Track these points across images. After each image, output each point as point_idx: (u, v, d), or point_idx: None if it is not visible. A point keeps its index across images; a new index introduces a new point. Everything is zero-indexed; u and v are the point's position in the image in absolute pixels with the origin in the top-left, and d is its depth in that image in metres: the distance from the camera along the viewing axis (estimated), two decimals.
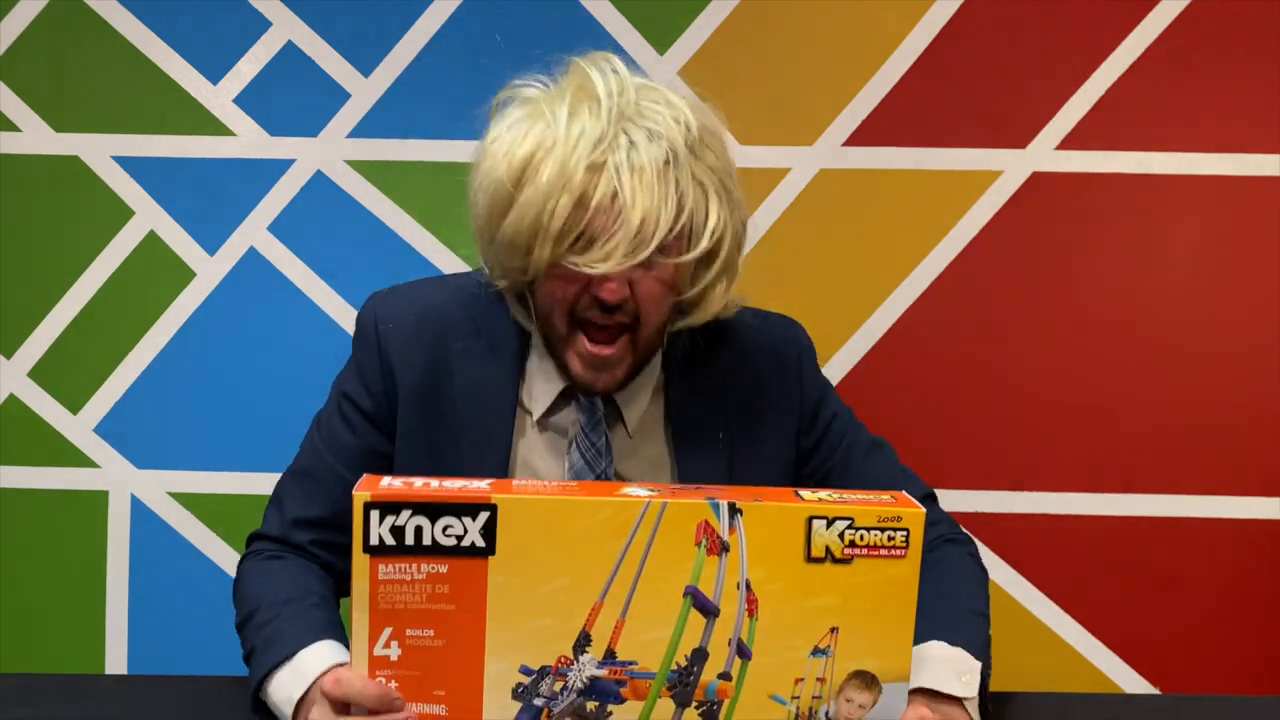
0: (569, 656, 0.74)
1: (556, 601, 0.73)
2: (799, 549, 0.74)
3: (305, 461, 1.09)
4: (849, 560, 0.74)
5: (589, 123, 0.89)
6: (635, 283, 0.92)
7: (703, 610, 0.74)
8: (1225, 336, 1.85)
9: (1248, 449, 1.84)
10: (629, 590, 0.73)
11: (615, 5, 1.88)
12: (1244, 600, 1.85)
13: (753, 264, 1.87)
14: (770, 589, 0.74)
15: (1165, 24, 1.84)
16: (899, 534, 0.74)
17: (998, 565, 1.87)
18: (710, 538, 0.73)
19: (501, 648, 0.73)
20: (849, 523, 0.74)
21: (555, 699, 0.74)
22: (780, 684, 0.75)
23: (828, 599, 0.74)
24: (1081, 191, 1.86)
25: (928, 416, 1.88)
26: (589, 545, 0.72)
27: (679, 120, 0.93)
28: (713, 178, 0.95)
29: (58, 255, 1.91)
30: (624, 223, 0.87)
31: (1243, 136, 1.84)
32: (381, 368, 1.04)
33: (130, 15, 1.90)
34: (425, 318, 1.05)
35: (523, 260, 0.93)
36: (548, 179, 0.88)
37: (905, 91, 1.88)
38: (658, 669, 0.74)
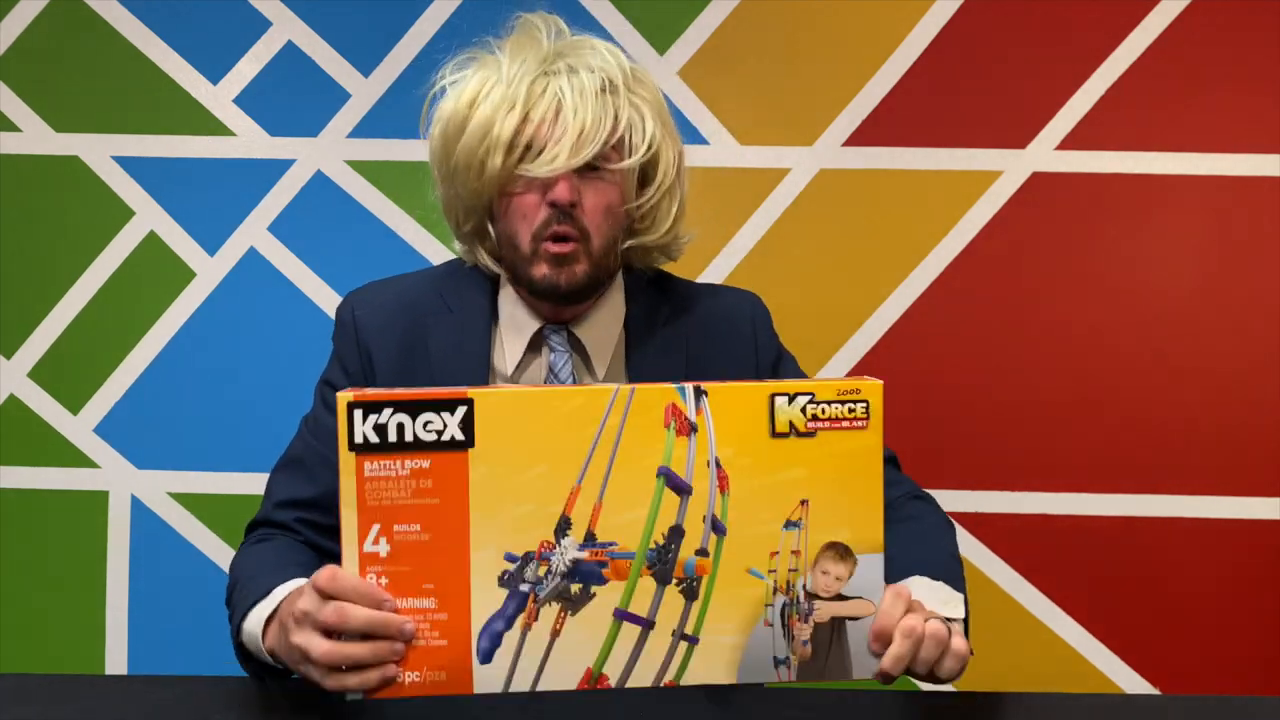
0: (551, 541, 0.76)
1: (535, 488, 0.75)
2: (764, 425, 0.77)
3: (291, 452, 1.13)
4: (813, 434, 0.77)
5: (531, 55, 1.00)
6: (583, 193, 1.00)
7: (676, 489, 0.76)
8: (1225, 336, 1.85)
9: (1248, 449, 1.84)
10: (604, 474, 0.76)
11: (615, 5, 1.88)
12: (1244, 600, 1.85)
13: (753, 264, 1.89)
14: (739, 465, 0.77)
15: (1165, 24, 1.85)
16: (859, 405, 0.78)
17: (998, 565, 1.87)
18: (679, 419, 0.76)
19: (486, 537, 0.75)
20: (810, 397, 0.77)
21: (540, 583, 0.76)
22: (756, 558, 0.78)
23: (795, 472, 0.77)
24: (1081, 191, 1.86)
25: (928, 416, 1.88)
26: (563, 433, 0.75)
27: (615, 59, 1.03)
28: (648, 105, 1.04)
29: (58, 255, 1.91)
30: (566, 130, 0.97)
31: (1243, 136, 1.85)
32: (359, 349, 1.10)
33: (130, 15, 1.91)
34: (399, 300, 1.12)
35: (478, 179, 1.01)
36: (495, 100, 0.98)
37: (905, 91, 1.88)
38: (637, 548, 0.76)
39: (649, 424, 0.76)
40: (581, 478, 0.76)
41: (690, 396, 0.76)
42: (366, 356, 1.10)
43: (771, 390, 0.77)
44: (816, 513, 0.78)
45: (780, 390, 0.77)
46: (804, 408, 0.77)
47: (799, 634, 0.79)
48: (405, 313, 1.11)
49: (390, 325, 1.10)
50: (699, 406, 0.76)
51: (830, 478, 0.78)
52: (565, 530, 0.76)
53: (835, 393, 0.77)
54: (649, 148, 1.03)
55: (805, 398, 0.77)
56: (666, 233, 1.09)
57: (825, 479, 0.77)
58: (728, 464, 0.77)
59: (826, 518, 0.78)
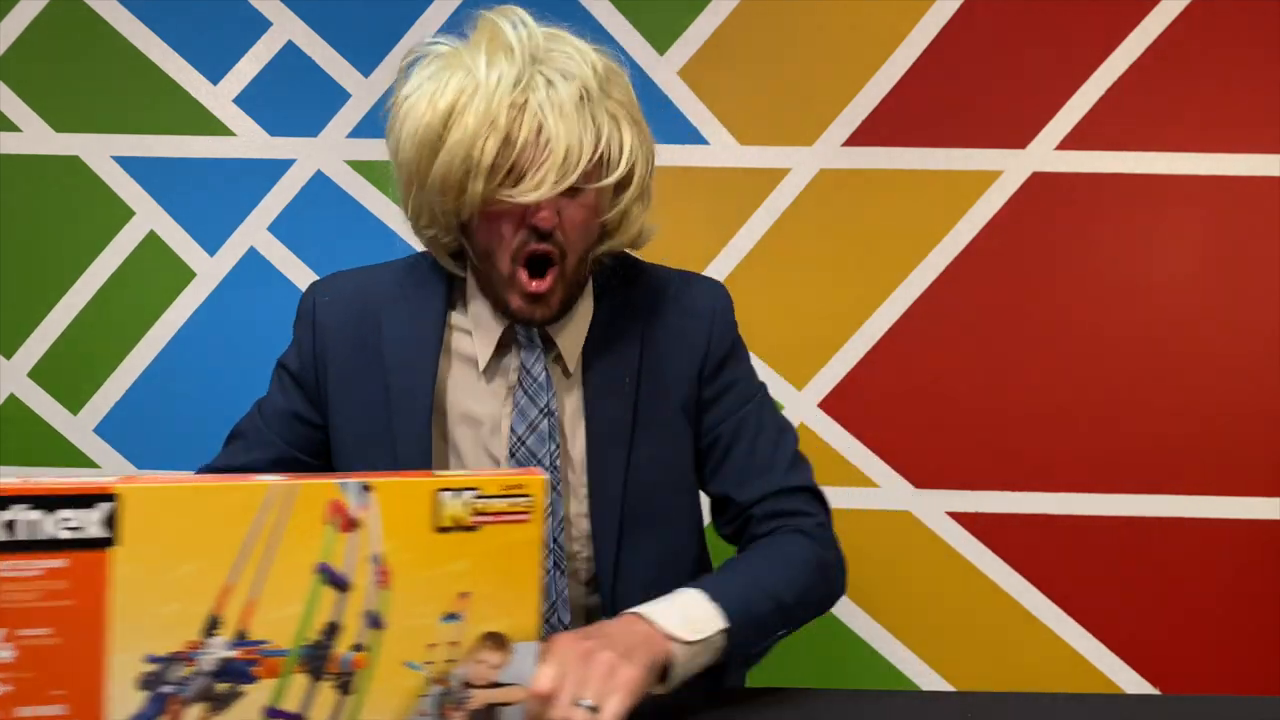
0: (198, 641, 0.74)
1: (184, 586, 0.73)
2: (428, 520, 0.77)
3: (238, 426, 1.18)
4: (477, 527, 0.78)
5: (505, 68, 0.96)
6: (562, 211, 0.99)
7: (334, 585, 0.76)
8: (1225, 337, 1.85)
9: (1247, 449, 1.84)
10: (259, 571, 0.74)
11: (615, 5, 1.88)
12: (1243, 600, 1.85)
13: (753, 264, 1.89)
14: (401, 559, 0.77)
15: (1165, 24, 1.85)
16: (521, 499, 0.78)
17: (998, 565, 1.87)
18: (341, 515, 0.75)
19: (127, 639, 0.73)
20: (475, 492, 0.77)
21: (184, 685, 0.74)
22: (414, 650, 0.77)
23: (457, 565, 0.78)
24: (1081, 191, 1.86)
25: (927, 417, 1.88)
26: (217, 529, 0.73)
27: (587, 61, 1.00)
28: (622, 110, 1.02)
29: (58, 255, 1.91)
30: (550, 154, 0.95)
31: (1243, 136, 1.85)
32: (315, 333, 1.12)
33: (130, 15, 1.91)
34: (358, 289, 1.13)
35: (455, 201, 0.99)
36: (474, 121, 0.95)
37: (905, 91, 1.88)
38: (290, 645, 0.75)
39: (309, 520, 0.74)
40: (234, 575, 0.74)
41: (355, 492, 0.75)
42: (323, 340, 1.12)
43: (437, 486, 0.77)
44: (476, 604, 0.78)
45: (446, 485, 0.77)
46: (469, 502, 0.77)
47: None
48: (363, 298, 1.12)
49: (347, 314, 1.12)
50: (364, 502, 0.75)
51: (491, 569, 0.78)
52: (214, 629, 0.74)
53: (500, 487, 0.78)
54: (627, 160, 1.02)
55: (471, 492, 0.77)
56: (635, 233, 1.09)
57: (486, 571, 0.78)
58: (389, 559, 0.76)
59: (486, 609, 0.78)
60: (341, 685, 0.76)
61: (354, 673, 0.76)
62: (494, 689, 0.79)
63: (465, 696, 0.79)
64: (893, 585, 1.88)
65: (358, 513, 0.75)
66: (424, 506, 0.77)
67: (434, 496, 0.77)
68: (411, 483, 0.77)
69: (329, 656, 0.76)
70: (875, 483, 1.88)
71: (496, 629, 0.79)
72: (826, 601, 1.08)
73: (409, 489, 0.77)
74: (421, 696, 0.78)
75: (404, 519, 0.76)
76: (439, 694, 0.78)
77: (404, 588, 0.77)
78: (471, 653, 0.78)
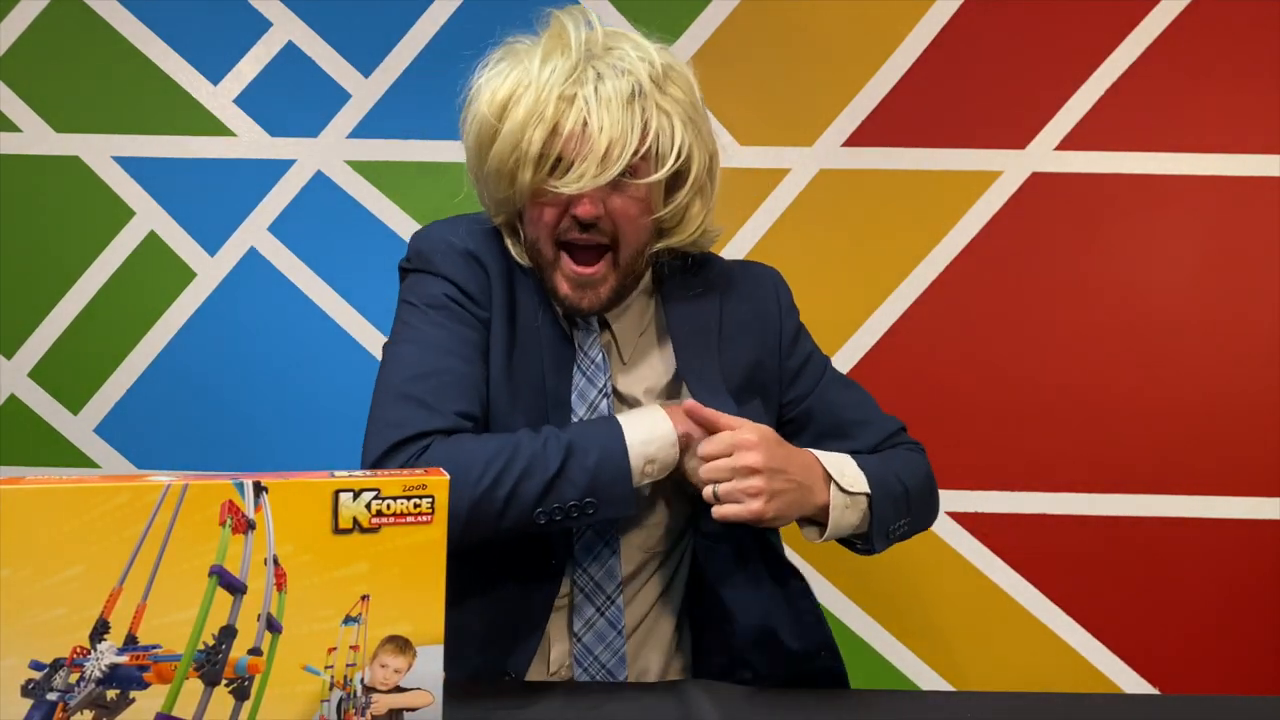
0: (85, 646, 0.72)
1: (69, 590, 0.71)
2: (326, 521, 0.75)
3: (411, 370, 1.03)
4: (377, 529, 0.76)
5: (560, 62, 1.00)
6: (609, 203, 1.02)
7: (229, 588, 0.74)
8: (1225, 337, 1.85)
9: (1247, 449, 1.84)
10: (150, 574, 0.72)
11: (615, 5, 1.88)
12: (1243, 600, 1.85)
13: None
14: (299, 562, 0.75)
15: (1165, 24, 1.85)
16: (425, 501, 0.76)
17: (998, 565, 1.87)
18: (235, 516, 0.73)
19: (10, 645, 0.71)
20: (375, 493, 0.75)
21: (71, 691, 0.72)
22: (313, 655, 0.76)
23: (357, 568, 0.76)
24: (1081, 191, 1.86)
25: (927, 417, 1.87)
26: (105, 532, 0.71)
27: (644, 59, 1.02)
28: (678, 108, 1.04)
29: (58, 255, 1.91)
30: (592, 147, 0.97)
31: (1243, 136, 1.85)
32: (477, 265, 1.08)
33: (130, 15, 1.91)
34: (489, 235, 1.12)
35: (509, 188, 1.03)
36: (524, 111, 0.99)
37: (905, 91, 1.88)
38: (184, 650, 0.74)
39: (202, 522, 0.72)
40: (123, 579, 0.71)
41: (249, 493, 0.73)
42: (484, 272, 1.08)
43: (336, 487, 0.75)
44: (377, 607, 0.77)
45: (345, 487, 0.75)
46: (369, 504, 0.75)
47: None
48: (501, 251, 1.11)
49: (492, 255, 1.10)
50: (259, 503, 0.74)
51: (393, 572, 0.76)
52: (103, 634, 0.72)
53: (401, 488, 0.76)
54: (678, 156, 1.03)
55: (371, 494, 0.75)
56: (695, 231, 1.10)
57: (387, 573, 0.76)
58: (286, 561, 0.74)
59: (387, 611, 0.77)
60: (237, 690, 0.75)
61: (250, 677, 0.75)
62: (398, 694, 0.78)
63: (367, 702, 0.77)
64: (893, 585, 1.88)
65: (253, 514, 0.73)
66: (322, 508, 0.75)
67: (333, 498, 0.75)
68: (308, 483, 0.75)
69: (224, 661, 0.74)
70: None
71: (399, 632, 0.77)
72: (932, 509, 1.18)
73: (306, 490, 0.75)
74: (322, 701, 0.76)
75: (301, 520, 0.75)
76: (340, 699, 0.77)
77: (302, 590, 0.75)
78: (374, 656, 0.77)
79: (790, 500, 0.98)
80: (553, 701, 0.94)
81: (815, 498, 1.01)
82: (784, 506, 0.98)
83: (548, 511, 0.96)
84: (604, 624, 1.06)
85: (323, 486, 0.75)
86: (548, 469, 0.95)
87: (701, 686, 0.99)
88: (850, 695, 1.01)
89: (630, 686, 1.05)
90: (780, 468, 0.98)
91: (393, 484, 0.76)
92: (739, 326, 1.15)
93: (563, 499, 0.95)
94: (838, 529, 1.04)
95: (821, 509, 1.02)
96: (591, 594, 1.06)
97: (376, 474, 0.78)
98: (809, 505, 1.01)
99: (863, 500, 1.05)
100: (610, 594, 1.06)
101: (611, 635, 1.06)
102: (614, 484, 0.96)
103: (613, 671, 1.06)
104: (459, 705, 0.85)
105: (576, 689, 1.02)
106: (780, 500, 0.97)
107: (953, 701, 1.07)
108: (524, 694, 0.96)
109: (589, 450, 0.96)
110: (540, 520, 0.96)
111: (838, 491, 1.02)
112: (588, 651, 1.06)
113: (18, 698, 0.71)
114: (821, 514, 1.02)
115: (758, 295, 1.20)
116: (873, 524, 1.05)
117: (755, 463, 0.95)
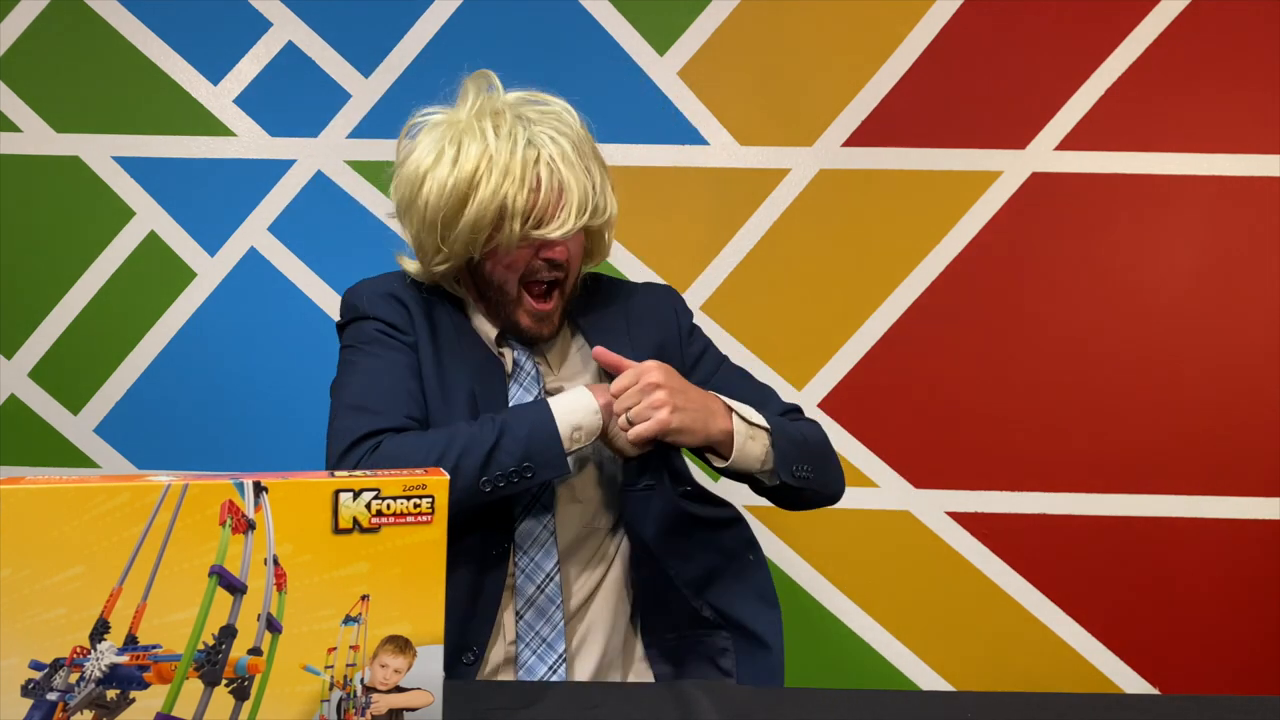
0: (85, 646, 0.72)
1: (69, 590, 0.71)
2: (326, 521, 0.75)
3: (358, 390, 1.17)
4: (377, 529, 0.76)
5: (514, 131, 1.14)
6: (570, 245, 1.18)
7: (229, 588, 0.74)
8: (1224, 337, 1.85)
9: (1247, 449, 1.85)
10: (150, 574, 0.72)
11: (615, 5, 1.88)
12: (1243, 600, 1.85)
13: (753, 264, 1.89)
14: (299, 562, 0.75)
15: (1165, 24, 1.85)
16: (424, 500, 0.77)
17: (998, 565, 1.87)
18: (235, 516, 0.73)
19: (10, 645, 0.71)
20: (375, 493, 0.76)
21: (71, 691, 0.72)
22: (313, 654, 0.76)
23: (357, 568, 0.76)
24: (1081, 191, 1.86)
25: (927, 416, 1.88)
26: (105, 531, 0.71)
27: (570, 118, 1.18)
28: (596, 158, 1.20)
29: (58, 255, 1.92)
30: (568, 199, 1.14)
31: (1243, 136, 1.85)
32: (399, 305, 1.22)
33: (130, 15, 1.91)
34: (404, 282, 1.25)
35: (484, 241, 1.15)
36: (501, 178, 1.12)
37: (905, 91, 1.88)
38: (184, 650, 0.73)
39: (202, 521, 0.72)
40: (123, 579, 0.71)
41: (249, 493, 0.73)
42: (408, 313, 1.21)
43: (336, 487, 0.75)
44: (377, 607, 0.77)
45: (345, 486, 0.75)
46: (369, 504, 0.75)
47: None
48: (415, 293, 1.24)
49: (408, 296, 1.23)
50: (258, 503, 0.74)
51: (393, 572, 0.76)
52: (103, 634, 0.72)
53: (401, 488, 0.76)
54: (608, 198, 1.19)
55: (371, 494, 0.75)
56: (607, 255, 1.29)
57: (387, 573, 0.76)
58: (286, 561, 0.74)
59: (387, 612, 0.77)
60: (237, 691, 0.75)
61: (250, 677, 0.75)
62: (397, 694, 0.78)
63: (368, 701, 0.77)
64: (893, 585, 1.88)
65: (253, 514, 0.73)
66: (322, 508, 0.75)
67: (333, 498, 0.75)
68: (308, 483, 0.75)
69: (224, 661, 0.74)
70: (875, 482, 1.89)
71: (399, 632, 0.77)
72: (834, 469, 1.26)
73: (306, 490, 0.75)
74: (322, 701, 0.76)
75: (301, 520, 0.75)
76: (340, 699, 0.77)
77: (302, 590, 0.75)
78: (374, 656, 0.77)
79: (693, 416, 1.10)
80: (552, 701, 0.94)
81: (718, 420, 1.12)
82: (688, 420, 1.09)
83: (491, 480, 1.07)
84: (544, 599, 1.15)
85: (323, 486, 0.75)
86: (484, 443, 1.07)
87: (702, 686, 0.99)
88: (850, 695, 1.01)
89: (630, 687, 1.06)
90: (681, 389, 1.11)
91: (393, 484, 0.76)
92: (642, 321, 1.29)
93: (503, 467, 1.07)
94: (742, 455, 1.13)
95: (725, 434, 1.12)
96: (531, 573, 1.16)
97: (376, 474, 0.78)
98: (713, 427, 1.12)
99: (763, 434, 1.15)
100: (549, 571, 1.15)
101: (551, 609, 1.15)
102: (546, 449, 1.08)
103: (552, 645, 1.14)
104: (459, 705, 0.85)
105: (576, 689, 1.02)
106: (684, 414, 1.09)
107: (953, 701, 1.07)
108: (524, 694, 0.96)
109: (521, 424, 1.09)
110: (486, 489, 1.07)
111: (739, 420, 1.13)
112: (529, 627, 1.15)
113: (18, 698, 0.71)
114: (726, 441, 1.13)
115: (655, 301, 1.34)
116: (776, 458, 1.15)
117: (657, 379, 1.09)
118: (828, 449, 1.25)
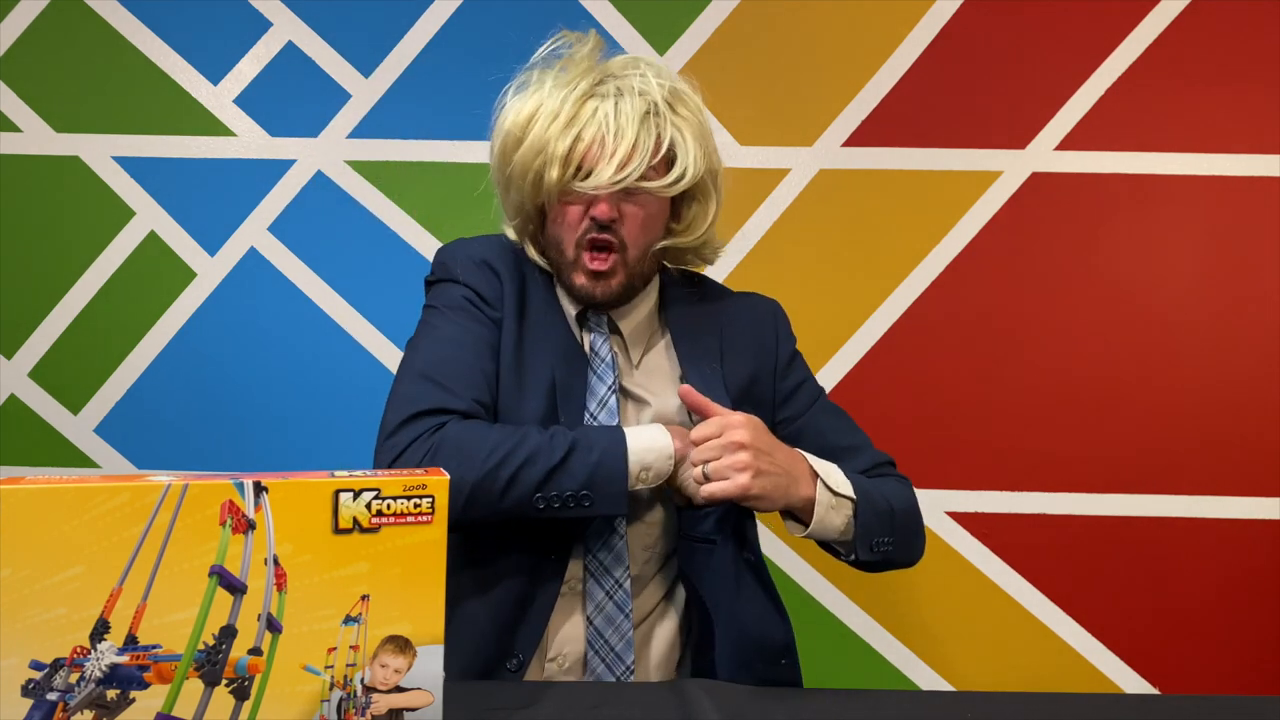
0: (85, 646, 0.72)
1: (69, 590, 0.71)
2: (326, 521, 0.75)
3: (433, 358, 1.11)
4: (377, 529, 0.76)
5: (580, 79, 1.11)
6: (623, 208, 1.12)
7: (229, 588, 0.74)
8: (1225, 337, 1.85)
9: (1247, 449, 1.85)
10: (150, 574, 0.72)
11: (615, 5, 1.88)
12: (1243, 600, 1.85)
13: (753, 264, 1.89)
14: (299, 562, 0.75)
15: (1165, 24, 1.85)
16: (425, 500, 0.77)
17: (998, 565, 1.87)
18: (235, 516, 0.74)
19: (10, 645, 0.71)
20: (376, 493, 0.76)
21: (71, 691, 0.72)
22: (313, 654, 0.76)
23: (357, 568, 0.76)
24: (1081, 192, 1.86)
25: (927, 417, 1.88)
26: (105, 531, 0.71)
27: (660, 81, 1.13)
28: (688, 126, 1.14)
29: (58, 255, 1.92)
30: (612, 153, 1.08)
31: (1243, 136, 1.85)
32: (490, 271, 1.18)
33: (130, 15, 1.91)
34: (503, 249, 1.21)
35: (533, 189, 1.13)
36: (548, 119, 1.10)
37: (905, 91, 1.88)
38: (184, 650, 0.74)
39: (202, 521, 0.73)
40: (123, 579, 0.72)
41: (249, 493, 0.73)
42: (498, 280, 1.17)
43: (336, 487, 0.75)
44: (377, 607, 0.77)
45: (345, 486, 0.75)
46: (369, 504, 0.76)
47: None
48: (514, 257, 1.20)
49: (505, 263, 1.19)
50: (259, 503, 0.74)
51: (393, 572, 0.77)
52: (103, 634, 0.72)
53: (402, 488, 0.76)
54: (685, 168, 1.12)
55: (371, 494, 0.76)
56: (699, 237, 1.20)
57: (387, 573, 0.77)
58: (286, 561, 0.75)
59: (387, 611, 0.77)
60: (237, 690, 0.75)
61: (250, 677, 0.75)
62: (398, 694, 0.78)
63: (368, 701, 0.78)
64: (893, 585, 1.88)
65: (253, 514, 0.74)
66: (322, 508, 0.75)
67: (333, 498, 0.75)
68: (309, 483, 0.75)
69: (224, 661, 0.74)
70: None
71: (399, 632, 0.77)
72: (918, 539, 1.19)
73: (306, 490, 0.75)
74: (322, 701, 0.76)
75: (301, 520, 0.75)
76: (340, 699, 0.77)
77: (302, 590, 0.75)
78: (374, 656, 0.77)
79: (775, 483, 1.02)
80: (553, 701, 0.94)
81: (801, 488, 1.05)
82: (769, 487, 1.02)
83: (546, 498, 1.01)
84: (613, 607, 1.10)
85: (323, 486, 0.75)
86: (551, 458, 1.01)
87: (702, 686, 0.99)
88: (851, 695, 1.01)
89: (630, 687, 1.06)
90: (768, 450, 1.03)
91: (393, 484, 0.76)
92: (738, 343, 1.22)
93: (561, 488, 1.01)
94: (821, 526, 1.06)
95: (806, 502, 1.05)
96: (600, 577, 1.10)
97: (376, 474, 0.78)
98: (794, 495, 1.04)
99: (848, 505, 1.08)
100: (618, 578, 1.10)
101: (620, 618, 1.10)
102: (610, 482, 1.02)
103: (621, 655, 1.10)
104: (459, 705, 0.85)
105: (576, 689, 1.02)
106: (766, 480, 1.01)
107: (953, 701, 1.07)
108: (524, 694, 0.96)
109: (592, 448, 1.02)
110: (539, 505, 1.01)
111: (823, 489, 1.06)
112: (599, 634, 1.10)
113: (18, 698, 0.71)
114: (806, 508, 1.05)
115: (756, 318, 1.27)
116: (857, 531, 1.08)
117: (743, 439, 1.01)
118: (914, 517, 1.18)
